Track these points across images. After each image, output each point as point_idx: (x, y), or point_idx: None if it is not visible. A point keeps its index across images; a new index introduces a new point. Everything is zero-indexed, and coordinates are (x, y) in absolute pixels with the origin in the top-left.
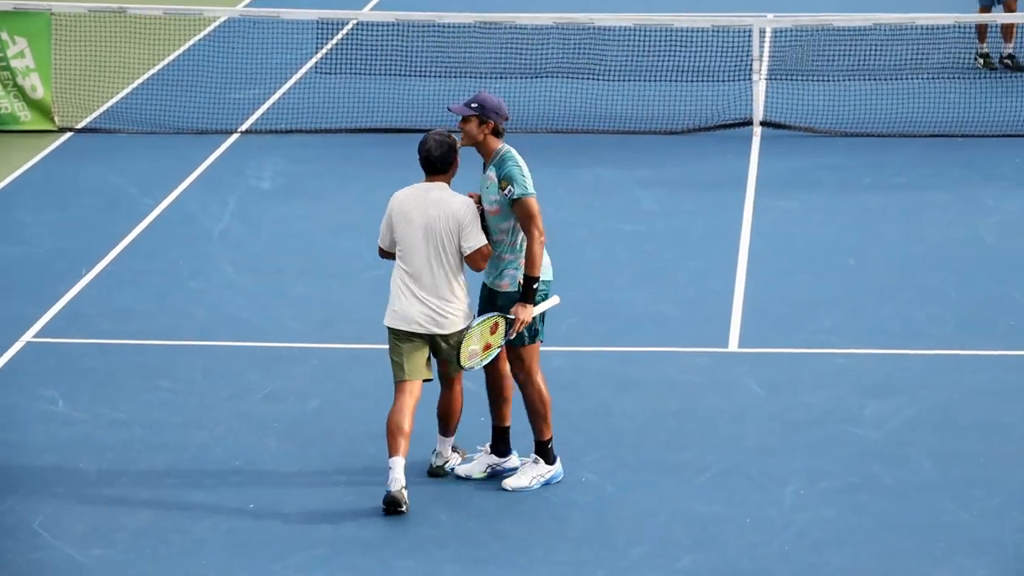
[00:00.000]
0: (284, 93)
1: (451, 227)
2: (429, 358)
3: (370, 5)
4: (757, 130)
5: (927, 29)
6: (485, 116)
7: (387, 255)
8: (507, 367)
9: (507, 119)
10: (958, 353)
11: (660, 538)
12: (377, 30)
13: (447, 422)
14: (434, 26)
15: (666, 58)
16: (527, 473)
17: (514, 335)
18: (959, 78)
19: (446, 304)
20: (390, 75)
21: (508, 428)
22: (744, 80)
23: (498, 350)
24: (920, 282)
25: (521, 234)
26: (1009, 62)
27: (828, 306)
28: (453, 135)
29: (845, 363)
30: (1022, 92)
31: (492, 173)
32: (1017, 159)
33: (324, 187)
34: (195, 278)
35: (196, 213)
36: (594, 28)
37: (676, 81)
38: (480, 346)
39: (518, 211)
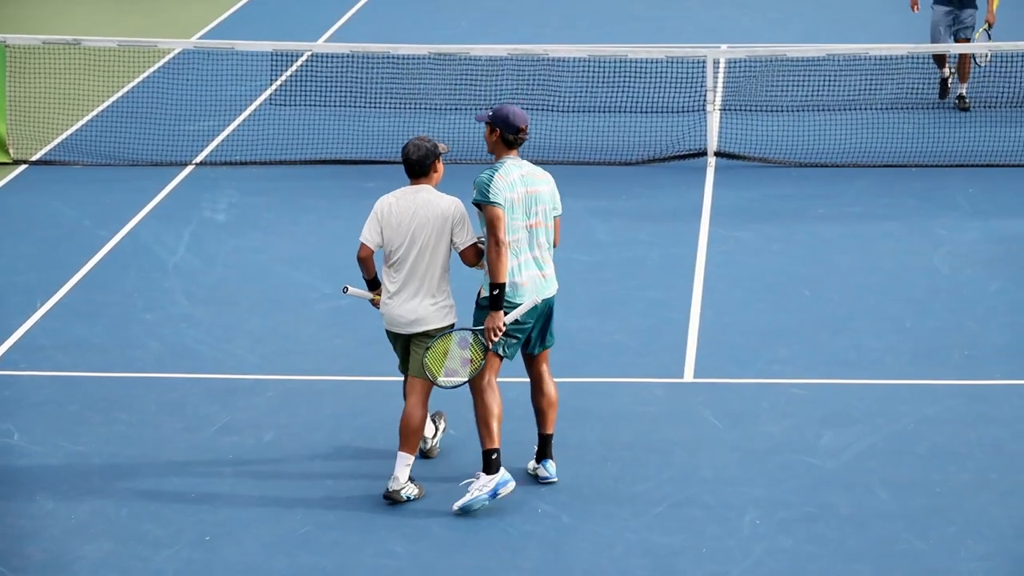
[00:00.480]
0: (239, 125)
1: (442, 227)
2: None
3: (325, 36)
4: (711, 160)
5: (880, 60)
6: (494, 124)
7: (365, 255)
8: (544, 368)
9: (516, 130)
10: (914, 383)
11: (617, 569)
12: (332, 62)
13: (406, 436)
14: (389, 57)
15: (620, 89)
16: (471, 491)
17: (489, 344)
18: (913, 108)
19: (425, 304)
20: (345, 107)
21: (550, 436)
22: (698, 111)
23: (481, 364)
24: (875, 312)
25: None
26: (958, 102)
27: (784, 336)
28: (437, 142)
29: (801, 393)
30: (975, 122)
31: None
32: (971, 189)
33: (279, 219)
34: (150, 310)
35: (151, 245)
36: (548, 59)
37: (630, 112)
38: (456, 363)
39: (483, 217)
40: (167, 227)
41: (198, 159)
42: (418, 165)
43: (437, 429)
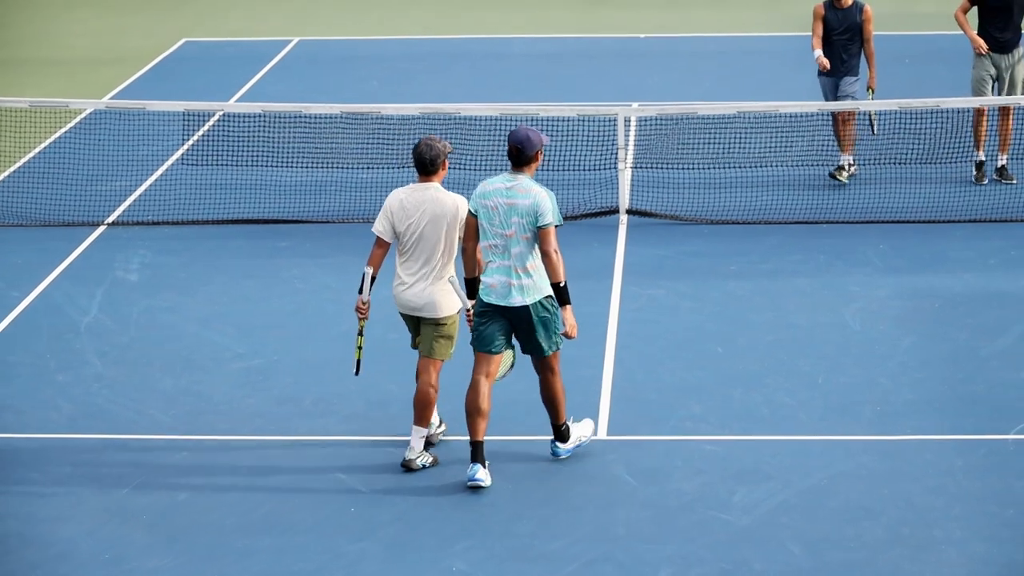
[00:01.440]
0: (151, 185)
1: (449, 221)
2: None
3: (236, 96)
4: (623, 218)
5: (791, 117)
6: None
7: (380, 246)
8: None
9: (508, 151)
10: (826, 438)
11: None
12: (243, 121)
13: (419, 410)
14: (300, 117)
15: None
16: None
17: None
18: (823, 165)
19: (433, 291)
20: (257, 166)
21: (557, 425)
22: (610, 169)
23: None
24: (788, 368)
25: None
26: (837, 172)
27: (697, 393)
28: (446, 143)
29: (715, 450)
30: (885, 179)
31: None
32: (882, 245)
33: (191, 279)
34: (63, 371)
35: (63, 306)
36: (460, 118)
37: (542, 170)
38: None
39: None
40: (79, 287)
41: (110, 219)
42: (430, 164)
43: (428, 457)
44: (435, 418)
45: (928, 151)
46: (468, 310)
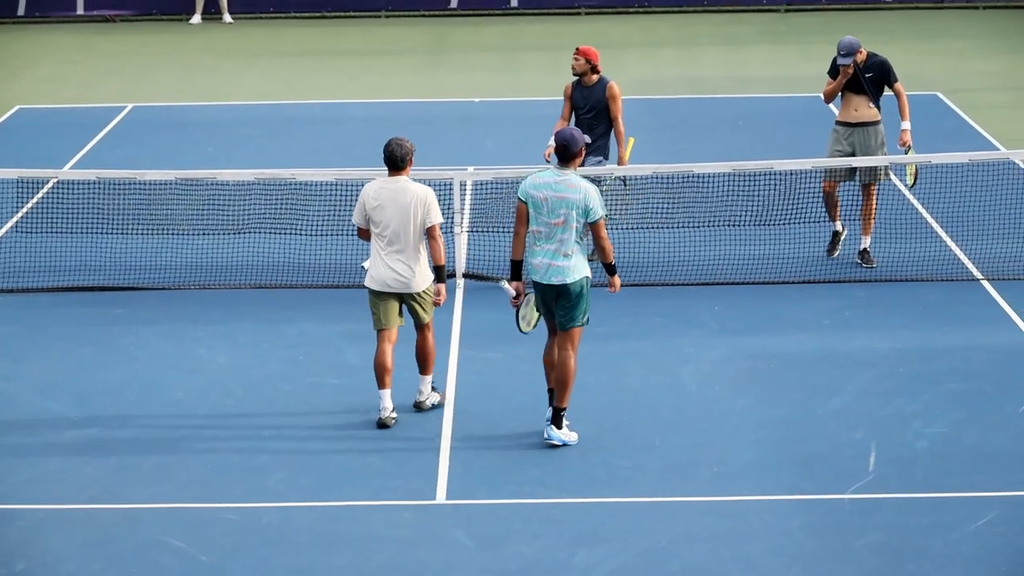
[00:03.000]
0: None
1: (418, 207)
2: (401, 309)
3: (70, 163)
4: (460, 282)
5: (620, 180)
6: None
7: (362, 235)
8: (563, 345)
9: (557, 146)
10: (664, 500)
11: None
12: (78, 188)
13: (423, 363)
14: (135, 183)
15: None
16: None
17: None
18: (657, 228)
19: (411, 269)
20: (92, 233)
21: (555, 408)
22: (446, 233)
23: (537, 320)
24: (624, 430)
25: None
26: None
27: (535, 456)
28: (410, 142)
29: (554, 513)
30: (719, 241)
31: None
32: (716, 307)
33: (27, 347)
34: None
35: None
36: (296, 183)
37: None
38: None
39: None
40: None
41: None
42: (400, 160)
43: (435, 396)
44: (436, 395)
45: (762, 213)
46: (514, 298)
